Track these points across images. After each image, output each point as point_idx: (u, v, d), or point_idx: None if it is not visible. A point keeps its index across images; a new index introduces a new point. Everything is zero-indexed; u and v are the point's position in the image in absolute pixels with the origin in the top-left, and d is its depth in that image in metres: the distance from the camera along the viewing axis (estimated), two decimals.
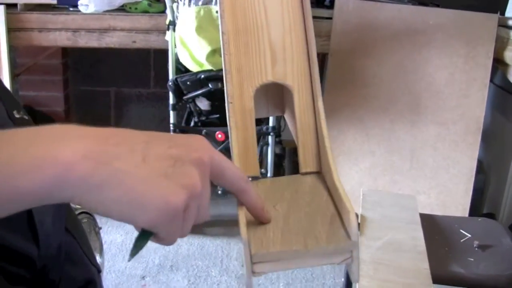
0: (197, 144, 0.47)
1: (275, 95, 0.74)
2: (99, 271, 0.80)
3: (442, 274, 1.32)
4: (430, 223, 1.54)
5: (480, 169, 2.46)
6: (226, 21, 0.68)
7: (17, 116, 0.74)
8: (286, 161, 2.89)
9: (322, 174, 0.67)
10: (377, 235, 1.41)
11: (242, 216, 0.55)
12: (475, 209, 2.33)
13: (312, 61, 0.69)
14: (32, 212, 0.64)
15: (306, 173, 0.67)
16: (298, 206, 0.60)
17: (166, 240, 0.46)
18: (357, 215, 1.45)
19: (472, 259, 1.37)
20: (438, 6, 2.22)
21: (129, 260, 0.65)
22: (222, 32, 0.68)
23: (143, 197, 0.42)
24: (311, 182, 0.66)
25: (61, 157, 0.41)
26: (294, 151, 2.96)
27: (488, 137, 2.44)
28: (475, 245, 1.42)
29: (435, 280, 1.30)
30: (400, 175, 2.20)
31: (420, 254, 1.31)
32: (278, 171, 2.90)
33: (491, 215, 2.34)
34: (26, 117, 0.76)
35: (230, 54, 0.67)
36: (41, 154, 0.41)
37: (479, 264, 1.35)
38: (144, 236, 0.46)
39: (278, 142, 2.90)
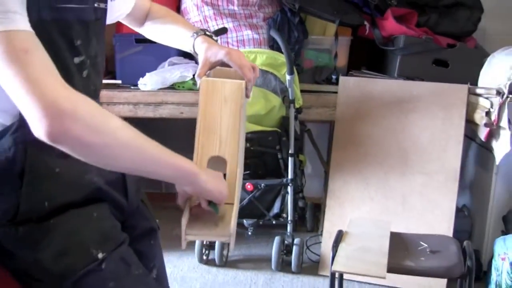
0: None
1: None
2: (158, 228, 1.37)
3: (397, 266, 1.82)
4: (398, 237, 2.04)
5: (468, 214, 2.94)
6: (198, 122, 1.31)
7: None
8: (308, 214, 3.39)
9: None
10: (353, 242, 1.92)
11: (186, 214, 1.21)
12: None
13: (239, 146, 1.30)
14: (126, 184, 1.23)
15: (227, 204, 1.27)
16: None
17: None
18: (342, 232, 2.00)
19: (423, 259, 1.87)
20: (422, 80, 2.79)
21: None
22: (196, 130, 1.31)
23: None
24: (227, 206, 1.26)
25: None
26: (315, 206, 3.48)
27: (473, 187, 2.93)
28: (427, 250, 1.92)
29: (392, 270, 1.80)
30: (394, 217, 2.69)
31: (382, 253, 1.82)
32: (302, 222, 3.41)
33: (476, 251, 2.79)
34: None
35: (199, 140, 1.30)
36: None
37: (427, 261, 1.84)
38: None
39: (302, 198, 3.42)
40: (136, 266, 1.19)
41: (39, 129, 0.90)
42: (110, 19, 1.31)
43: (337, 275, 2.07)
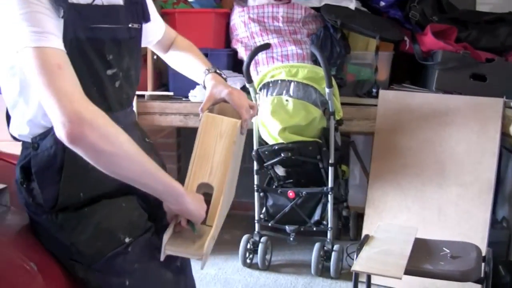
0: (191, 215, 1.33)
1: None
2: None
3: (415, 269, 1.92)
4: (423, 243, 2.13)
5: (508, 226, 2.98)
6: (194, 151, 1.45)
7: (147, 140, 1.52)
8: (351, 222, 3.50)
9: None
10: (377, 245, 2.03)
11: (169, 230, 1.36)
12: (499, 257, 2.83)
13: (227, 176, 1.44)
14: None
15: (208, 226, 1.42)
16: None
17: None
18: (369, 236, 2.12)
19: (442, 263, 1.96)
20: (460, 93, 2.86)
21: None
22: (192, 156, 1.45)
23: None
24: (207, 228, 1.41)
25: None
26: (358, 215, 3.57)
27: None
28: (448, 256, 2.00)
29: (410, 272, 1.90)
30: (430, 226, 2.76)
31: (403, 256, 1.92)
32: (346, 230, 3.52)
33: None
34: (151, 141, 1.53)
35: (193, 166, 1.44)
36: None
37: (445, 265, 1.93)
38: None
39: (346, 207, 3.53)
40: (159, 251, 1.36)
41: (61, 131, 1.08)
42: (144, 42, 1.49)
43: (364, 279, 2.18)
